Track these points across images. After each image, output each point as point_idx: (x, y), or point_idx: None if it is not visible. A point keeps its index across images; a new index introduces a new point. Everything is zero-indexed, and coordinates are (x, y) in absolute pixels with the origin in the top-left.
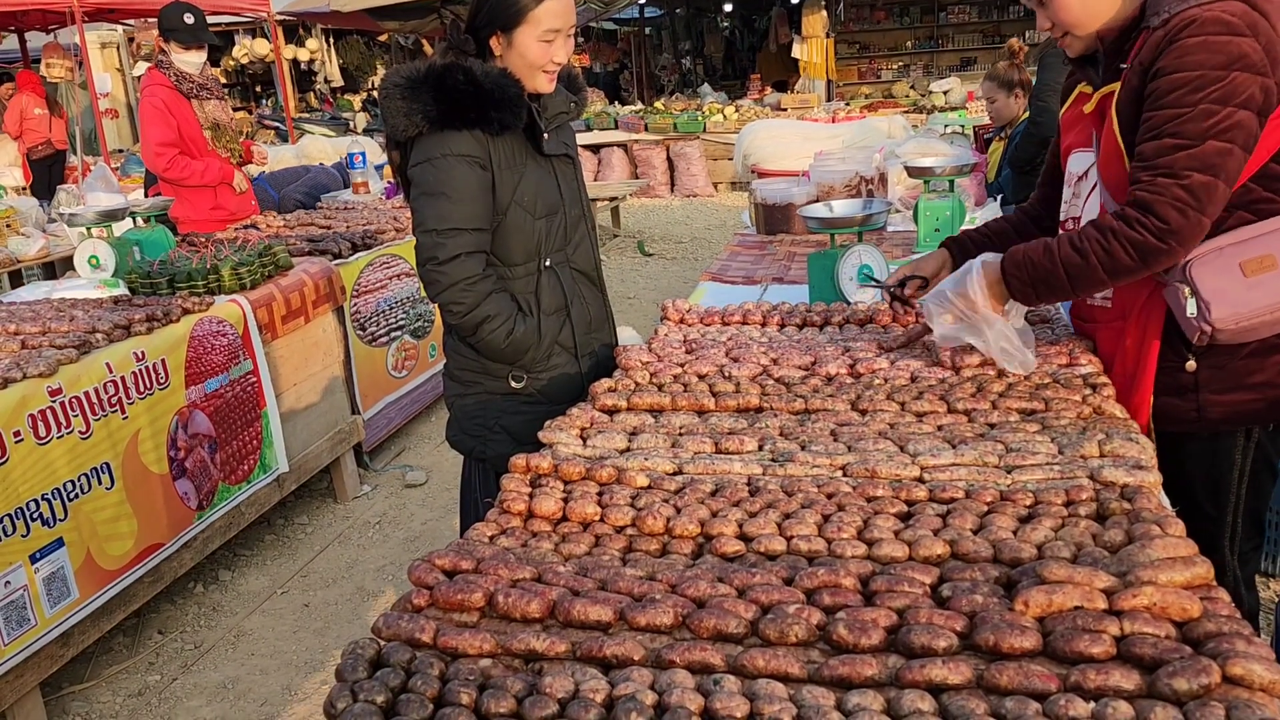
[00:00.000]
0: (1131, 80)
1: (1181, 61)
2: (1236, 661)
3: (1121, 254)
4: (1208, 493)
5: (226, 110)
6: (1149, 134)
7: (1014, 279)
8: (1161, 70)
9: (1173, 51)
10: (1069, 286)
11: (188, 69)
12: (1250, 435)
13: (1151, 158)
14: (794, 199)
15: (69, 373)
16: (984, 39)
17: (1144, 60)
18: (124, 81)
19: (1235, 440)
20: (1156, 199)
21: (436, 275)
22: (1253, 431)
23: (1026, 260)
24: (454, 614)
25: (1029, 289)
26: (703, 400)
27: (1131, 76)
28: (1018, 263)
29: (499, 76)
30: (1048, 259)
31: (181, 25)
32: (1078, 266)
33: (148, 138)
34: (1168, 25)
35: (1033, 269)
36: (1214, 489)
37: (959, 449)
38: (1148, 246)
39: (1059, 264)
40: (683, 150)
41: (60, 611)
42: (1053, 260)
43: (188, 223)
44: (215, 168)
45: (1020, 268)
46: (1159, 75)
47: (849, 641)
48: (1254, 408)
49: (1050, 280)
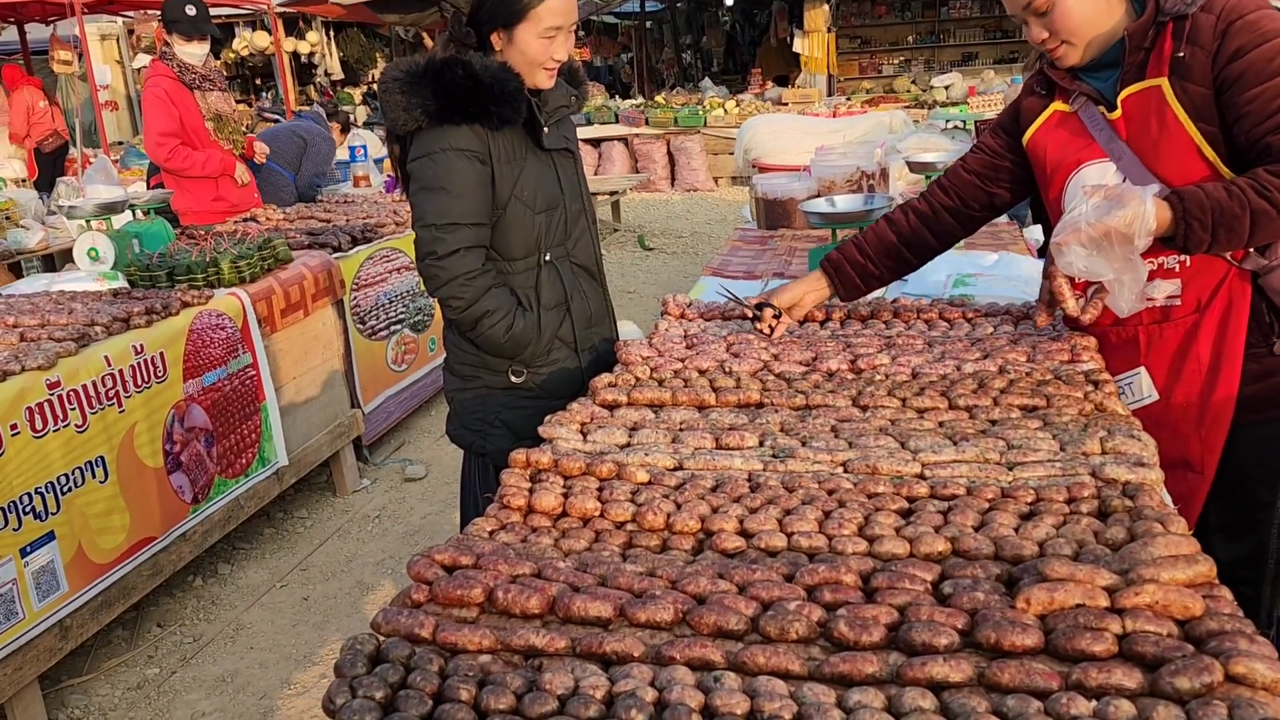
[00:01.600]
0: (1193, 67)
1: (1262, 31)
2: (1239, 660)
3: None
4: (1267, 479)
5: (229, 102)
6: (1275, 104)
7: (1195, 222)
8: (1244, 48)
9: (1242, 28)
10: (1246, 235)
11: (190, 60)
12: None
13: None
14: (795, 194)
15: (68, 365)
16: (985, 34)
17: (1205, 45)
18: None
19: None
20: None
21: (436, 270)
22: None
23: (1213, 204)
24: (453, 609)
25: (1207, 235)
26: (703, 396)
27: (1193, 64)
28: (1202, 205)
29: (498, 71)
30: (1236, 203)
31: (183, 17)
32: (1265, 214)
33: (150, 128)
34: (1211, 9)
35: (1220, 214)
36: (1275, 475)
37: (960, 445)
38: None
39: (1248, 210)
40: (683, 145)
41: (49, 605)
42: (1243, 206)
43: (189, 214)
44: (217, 159)
45: (1205, 210)
46: (1243, 53)
47: (850, 639)
48: None
49: (1234, 227)
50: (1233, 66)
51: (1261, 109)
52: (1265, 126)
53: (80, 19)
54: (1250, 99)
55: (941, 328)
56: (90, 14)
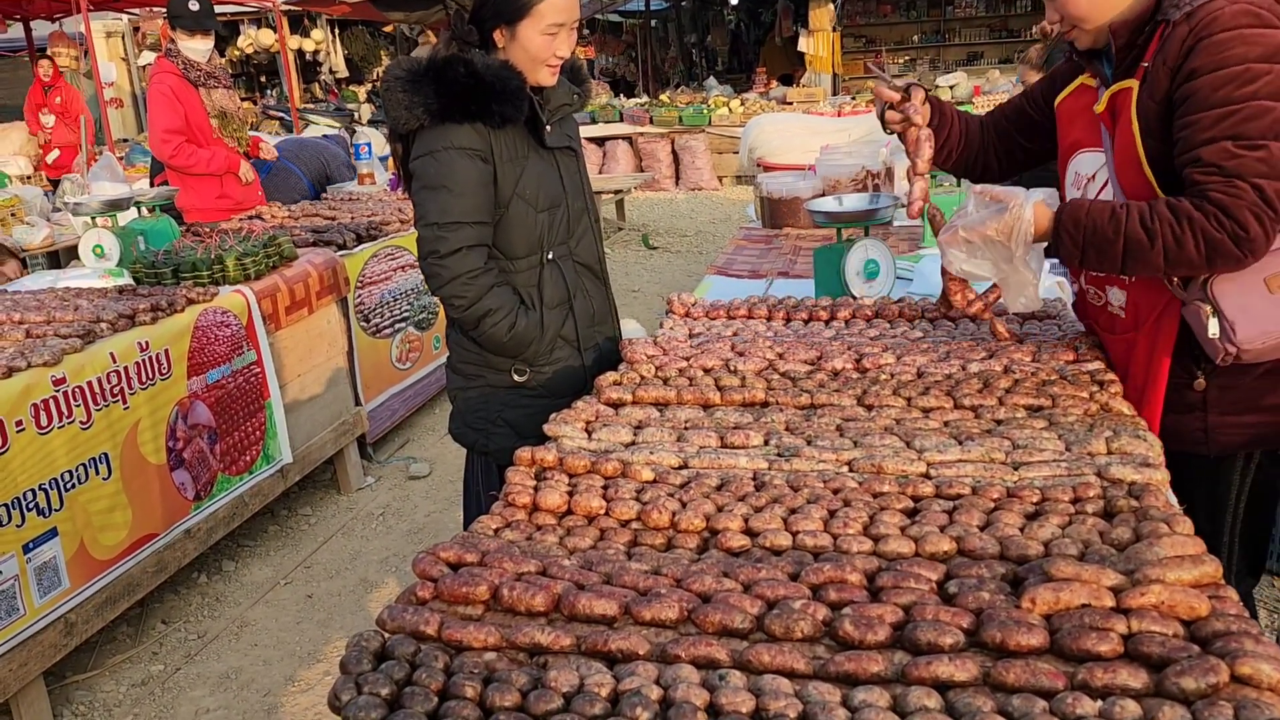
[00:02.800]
0: (1156, 79)
1: (1221, 57)
2: (1245, 661)
3: (1192, 247)
4: (1206, 513)
5: (234, 99)
6: (1202, 136)
7: (1067, 236)
8: (1199, 70)
9: (1206, 48)
10: (1120, 262)
11: (195, 57)
12: (1250, 458)
13: (1215, 161)
14: (800, 193)
15: (73, 362)
16: (990, 33)
17: (1170, 58)
18: (129, 71)
19: (1235, 462)
20: (1235, 203)
21: (438, 269)
22: (1253, 454)
23: (1089, 222)
24: (459, 607)
25: (1077, 251)
26: (708, 394)
27: (1156, 75)
28: (1077, 221)
29: (500, 69)
30: (1112, 226)
31: (186, 12)
32: (1140, 246)
33: (155, 124)
34: (1191, 20)
35: (1092, 233)
36: (1212, 510)
37: (965, 445)
38: (1222, 249)
39: (1121, 236)
40: (688, 144)
41: (50, 601)
42: (1117, 230)
43: (193, 211)
44: (221, 156)
45: (1079, 227)
46: (1196, 75)
47: (855, 637)
48: (1264, 431)
49: (1105, 250)
50: (1185, 87)
51: (1191, 138)
52: (1187, 157)
53: (86, 16)
54: (1186, 125)
55: (946, 327)
56: (95, 11)
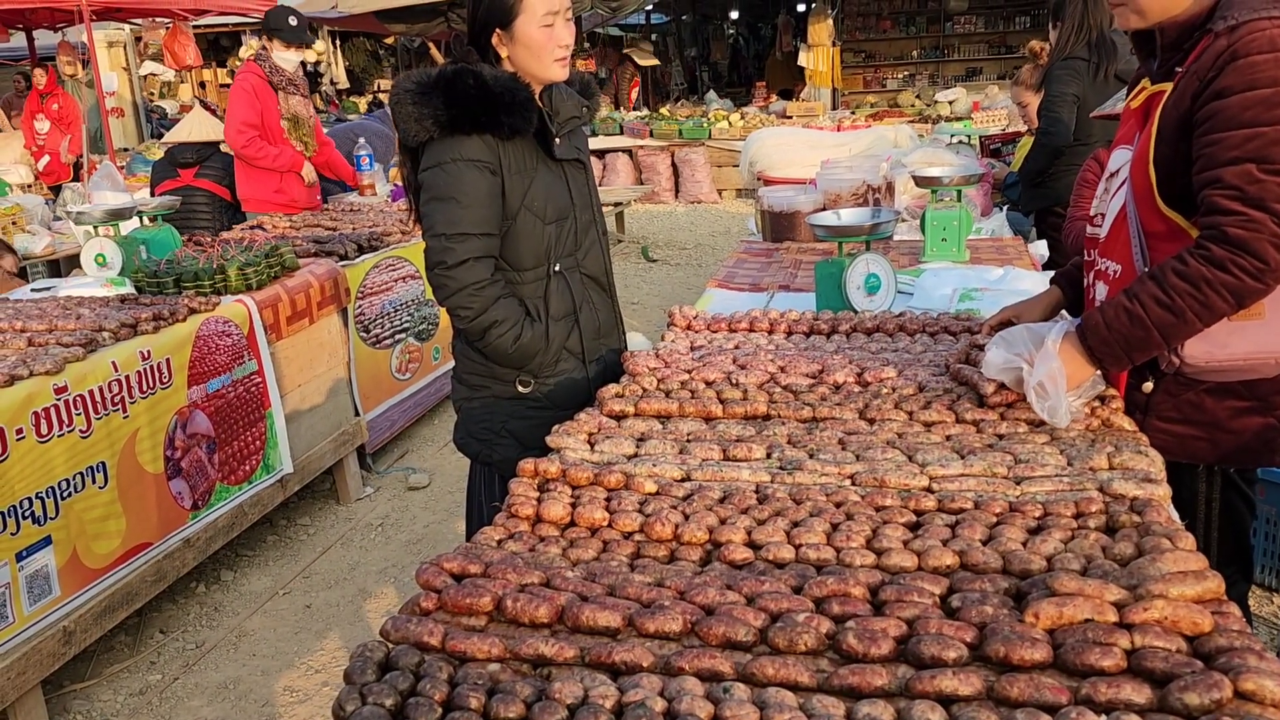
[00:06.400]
0: (1186, 86)
1: (1254, 78)
2: (1248, 676)
3: (1219, 302)
4: None
5: (308, 108)
6: (1227, 156)
7: (1104, 353)
8: (1230, 88)
9: (1240, 68)
10: (1163, 343)
11: (285, 66)
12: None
13: (1237, 184)
14: (800, 206)
15: (75, 371)
16: (990, 49)
17: (1202, 71)
18: (130, 81)
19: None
20: (1254, 236)
21: (445, 280)
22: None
23: (1114, 334)
24: (462, 618)
25: (1123, 356)
26: (710, 407)
27: (1186, 83)
28: (1103, 339)
29: (509, 81)
30: (1139, 327)
31: (286, 26)
32: (1172, 325)
33: (233, 116)
34: (1233, 35)
35: (1125, 341)
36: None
37: (968, 459)
38: (1245, 290)
39: (1152, 328)
40: (688, 156)
41: (39, 609)
42: (1145, 326)
43: (250, 201)
44: (288, 155)
45: (1108, 344)
46: (1226, 94)
47: (858, 651)
48: (1196, 445)
49: (1145, 343)
50: (1213, 104)
51: (1215, 156)
52: (1208, 175)
53: (89, 26)
54: (1210, 142)
55: (948, 341)
56: (98, 21)
